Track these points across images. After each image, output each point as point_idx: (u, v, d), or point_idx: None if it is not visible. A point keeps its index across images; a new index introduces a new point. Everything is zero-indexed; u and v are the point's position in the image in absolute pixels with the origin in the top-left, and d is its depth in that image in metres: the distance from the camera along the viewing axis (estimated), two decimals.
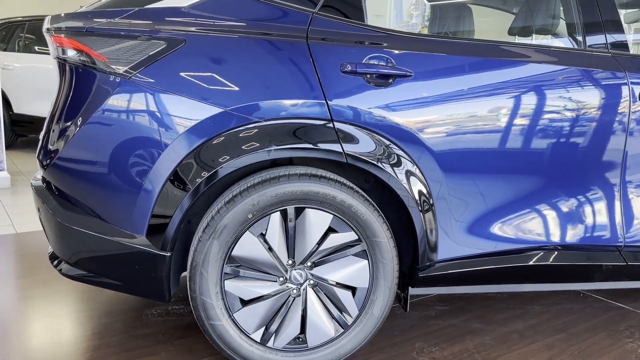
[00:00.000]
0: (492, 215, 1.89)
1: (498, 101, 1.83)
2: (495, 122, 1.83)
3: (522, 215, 1.92)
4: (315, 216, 1.72)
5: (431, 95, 1.78)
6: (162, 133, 1.63)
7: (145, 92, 1.63)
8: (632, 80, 1.91)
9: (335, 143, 1.69)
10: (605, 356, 2.00)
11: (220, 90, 1.64)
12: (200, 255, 1.67)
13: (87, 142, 1.68)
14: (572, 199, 1.94)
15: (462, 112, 1.80)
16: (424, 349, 2.02)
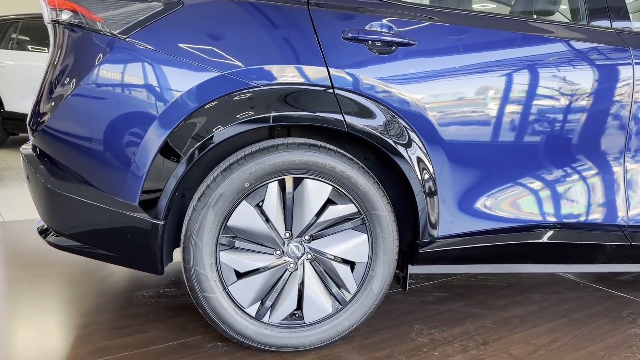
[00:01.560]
0: (495, 191, 1.85)
1: (501, 76, 1.79)
2: (500, 97, 1.80)
3: (525, 192, 1.88)
4: (314, 187, 1.67)
5: (435, 66, 1.74)
6: (157, 96, 1.58)
7: (141, 55, 1.58)
8: (635, 57, 1.88)
9: (335, 110, 1.64)
10: (609, 340, 1.95)
11: (218, 54, 1.59)
12: (195, 224, 1.62)
13: (78, 107, 1.63)
14: (575, 177, 1.90)
15: (466, 85, 1.76)
16: (422, 330, 1.96)
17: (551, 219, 1.89)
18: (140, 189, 1.61)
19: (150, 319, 1.98)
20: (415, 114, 1.71)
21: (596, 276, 2.67)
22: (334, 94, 1.64)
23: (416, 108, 1.71)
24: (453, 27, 1.78)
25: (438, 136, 1.74)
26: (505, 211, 1.87)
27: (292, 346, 1.73)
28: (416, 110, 1.71)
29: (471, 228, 1.84)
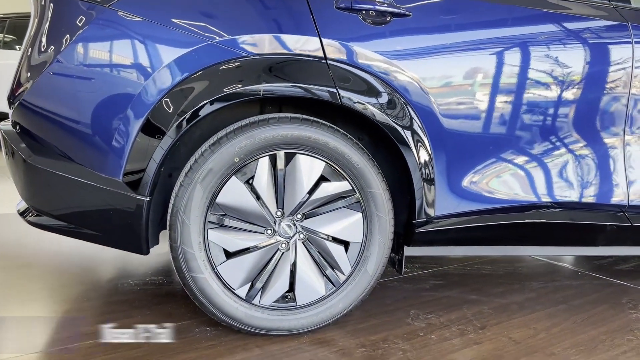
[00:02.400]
0: (492, 170, 1.79)
1: (499, 52, 1.74)
2: (497, 73, 1.74)
3: (522, 172, 1.82)
4: (307, 163, 1.61)
5: (431, 39, 1.69)
6: (142, 65, 1.51)
7: (123, 24, 1.52)
8: (634, 32, 1.84)
9: (329, 83, 1.58)
10: (610, 324, 1.90)
11: (204, 21, 1.53)
12: (182, 201, 1.55)
13: (58, 79, 1.55)
14: (574, 157, 1.85)
15: (463, 60, 1.71)
16: (419, 315, 1.90)
17: (548, 199, 1.84)
18: (124, 164, 1.54)
19: (136, 305, 1.90)
20: (411, 89, 1.65)
21: (594, 265, 2.62)
22: (327, 65, 1.58)
23: (412, 83, 1.65)
24: (452, 1, 1.72)
25: (435, 113, 1.69)
26: (502, 191, 1.81)
27: (284, 329, 1.66)
28: (412, 86, 1.65)
29: (468, 207, 1.78)
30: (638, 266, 2.65)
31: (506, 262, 2.62)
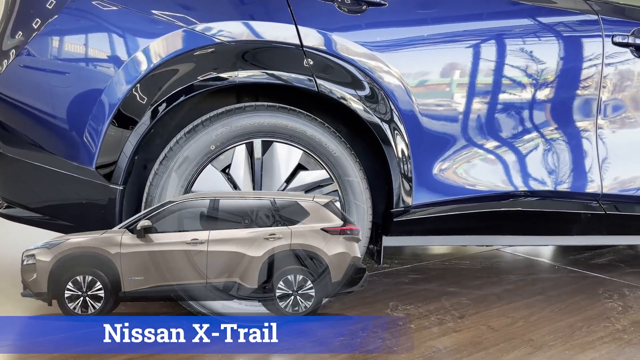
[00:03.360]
0: (469, 159, 1.80)
1: (474, 45, 1.77)
2: (473, 66, 1.77)
3: (500, 161, 1.84)
4: (284, 151, 1.60)
5: (407, 30, 1.70)
6: (115, 52, 1.49)
7: (95, 9, 1.50)
8: (605, 24, 1.88)
9: (305, 71, 1.58)
10: (586, 313, 1.91)
11: (179, 8, 1.52)
12: (157, 190, 1.53)
13: (28, 68, 1.52)
14: (549, 146, 1.88)
15: (439, 51, 1.73)
16: (398, 306, 1.89)
17: (524, 187, 1.86)
18: (97, 152, 1.51)
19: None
20: (387, 78, 1.66)
21: (570, 260, 2.66)
22: (303, 53, 1.58)
23: (388, 72, 1.66)
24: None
25: (412, 102, 1.69)
26: (478, 180, 1.83)
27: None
28: (389, 75, 1.66)
29: (445, 197, 1.79)
30: (613, 260, 2.68)
31: (484, 257, 2.64)
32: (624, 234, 2.08)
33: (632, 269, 2.52)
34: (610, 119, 1.91)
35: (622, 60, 1.90)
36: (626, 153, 1.95)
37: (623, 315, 1.88)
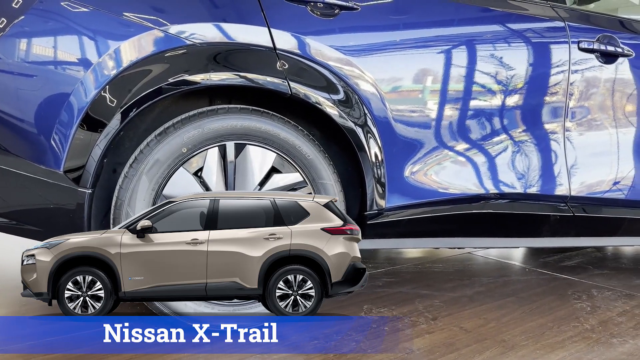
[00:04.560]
0: (441, 162, 1.82)
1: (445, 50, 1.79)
2: (444, 71, 1.79)
3: (470, 164, 1.87)
4: (257, 154, 1.59)
5: (379, 34, 1.72)
6: (84, 54, 1.47)
7: (63, 10, 1.47)
8: (571, 31, 1.93)
9: (279, 74, 1.57)
10: (556, 313, 1.95)
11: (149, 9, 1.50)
12: (126, 193, 1.50)
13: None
14: (518, 150, 1.91)
15: (410, 56, 1.75)
16: (372, 309, 1.89)
17: (495, 190, 1.89)
18: (65, 155, 1.48)
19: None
20: (361, 82, 1.67)
21: (540, 263, 2.70)
22: (276, 56, 1.58)
23: (362, 77, 1.67)
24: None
25: (385, 107, 1.71)
26: (450, 183, 1.85)
27: None
28: (362, 79, 1.67)
29: (418, 199, 1.81)
30: (581, 262, 2.74)
31: (457, 260, 2.67)
32: (591, 235, 2.12)
33: (599, 270, 2.58)
34: (578, 123, 1.96)
35: (588, 66, 1.95)
36: (593, 156, 2.00)
37: (591, 315, 1.92)
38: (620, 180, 2.06)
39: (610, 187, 2.04)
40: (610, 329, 1.80)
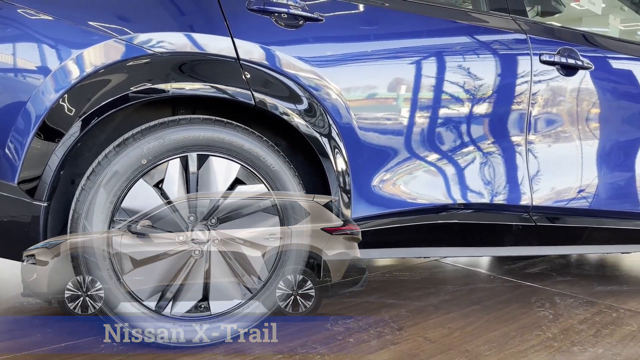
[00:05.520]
0: (406, 173, 1.83)
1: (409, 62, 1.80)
2: (410, 82, 1.80)
3: (435, 174, 1.88)
4: (221, 165, 1.56)
5: (343, 46, 1.72)
6: (42, 61, 1.42)
7: (15, 16, 1.42)
8: (533, 43, 1.96)
9: (243, 85, 1.55)
10: (520, 322, 1.97)
11: (110, 17, 1.46)
12: (84, 206, 1.45)
13: None
14: (482, 160, 1.94)
15: (375, 67, 1.75)
16: (338, 320, 1.88)
17: (460, 200, 1.90)
18: (20, 166, 1.42)
19: (36, 323, 1.75)
20: (326, 92, 1.66)
21: (505, 270, 2.74)
22: (240, 66, 1.55)
23: (327, 87, 1.66)
24: (362, 7, 1.76)
25: (350, 117, 1.70)
26: (417, 193, 1.85)
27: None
28: (327, 89, 1.66)
29: (384, 210, 1.80)
30: (545, 269, 2.79)
31: (424, 268, 2.68)
32: (553, 244, 2.16)
33: (562, 277, 2.64)
34: (539, 134, 2.00)
35: (549, 78, 1.99)
36: (554, 166, 2.04)
37: (553, 324, 1.95)
38: (581, 190, 2.10)
39: (572, 196, 2.08)
40: (571, 337, 1.83)
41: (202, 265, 1.58)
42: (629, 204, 2.23)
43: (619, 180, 2.20)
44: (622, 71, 2.20)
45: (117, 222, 1.49)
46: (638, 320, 2.05)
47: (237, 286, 1.63)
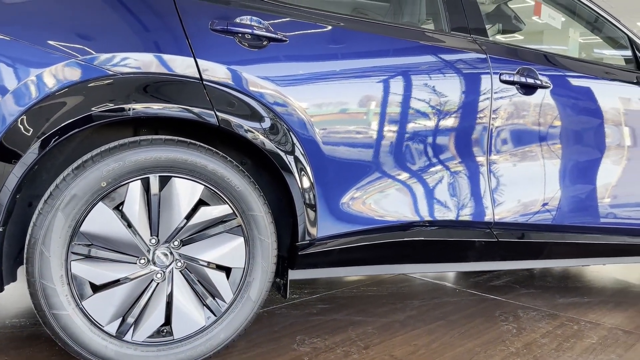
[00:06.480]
0: (372, 191, 1.84)
1: (372, 81, 1.81)
2: (374, 101, 1.81)
3: (401, 192, 1.89)
4: (184, 186, 1.54)
5: (307, 66, 1.72)
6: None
7: None
8: (493, 63, 2.01)
9: (206, 105, 1.54)
10: (484, 337, 2.00)
11: (71, 37, 1.43)
12: (41, 231, 1.41)
13: None
14: (446, 178, 1.96)
15: (338, 86, 1.76)
16: (304, 340, 1.87)
17: (425, 217, 1.92)
18: None
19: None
20: (293, 114, 1.66)
21: (471, 283, 2.78)
22: (202, 87, 1.54)
23: (294, 109, 1.66)
24: (325, 28, 1.77)
25: (314, 137, 1.70)
26: (383, 211, 1.86)
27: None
28: (294, 111, 1.66)
29: (350, 228, 1.81)
30: (509, 281, 2.84)
31: (391, 282, 2.69)
32: (515, 259, 2.20)
33: (526, 289, 2.69)
34: (500, 152, 2.04)
35: (509, 97, 2.03)
36: (515, 183, 2.08)
37: (517, 338, 1.99)
38: (542, 205, 2.15)
39: (533, 212, 2.13)
40: (534, 352, 1.87)
41: (164, 288, 1.55)
42: (589, 217, 2.29)
43: (579, 195, 2.26)
44: (580, 89, 2.27)
45: (76, 246, 1.45)
46: (598, 332, 2.10)
47: (201, 309, 1.60)
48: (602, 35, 2.65)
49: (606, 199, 2.31)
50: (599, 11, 2.48)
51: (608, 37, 2.64)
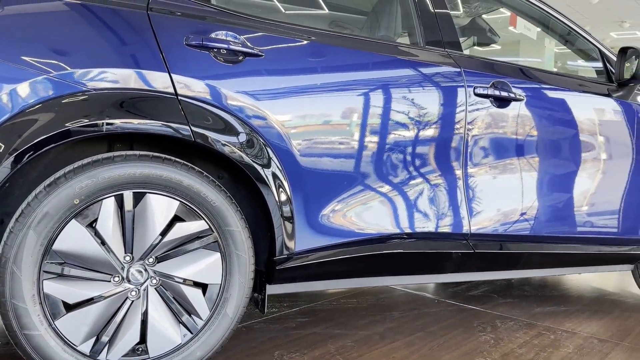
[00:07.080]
0: (350, 204, 1.84)
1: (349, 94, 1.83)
2: (350, 114, 1.82)
3: (378, 205, 1.90)
4: (159, 203, 1.53)
5: (283, 80, 1.72)
6: None
7: None
8: (467, 77, 2.03)
9: (181, 120, 1.53)
10: (462, 348, 2.01)
11: (41, 54, 1.41)
12: (12, 250, 1.38)
13: None
14: (424, 191, 1.97)
15: (315, 100, 1.76)
16: (283, 356, 1.86)
17: (403, 230, 1.93)
18: None
19: None
20: (269, 129, 1.66)
21: (450, 293, 2.79)
22: (177, 102, 1.53)
23: (270, 123, 1.66)
24: (301, 42, 1.78)
25: (291, 150, 1.70)
26: (361, 224, 1.87)
27: None
28: (270, 125, 1.66)
29: (328, 242, 1.81)
30: (487, 291, 2.87)
31: (370, 294, 2.70)
32: (492, 269, 2.22)
33: (504, 299, 2.71)
34: (476, 164, 2.06)
35: (484, 110, 2.06)
36: (490, 195, 2.10)
37: (494, 349, 2.00)
38: (517, 216, 2.18)
39: (508, 223, 2.15)
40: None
41: (139, 306, 1.53)
42: (566, 227, 2.32)
43: (555, 205, 2.29)
44: (553, 100, 2.31)
45: (49, 265, 1.43)
46: (574, 341, 2.13)
47: (177, 327, 1.58)
48: (575, 48, 2.70)
49: (582, 208, 2.34)
50: (571, 25, 2.53)
51: (580, 49, 2.70)
